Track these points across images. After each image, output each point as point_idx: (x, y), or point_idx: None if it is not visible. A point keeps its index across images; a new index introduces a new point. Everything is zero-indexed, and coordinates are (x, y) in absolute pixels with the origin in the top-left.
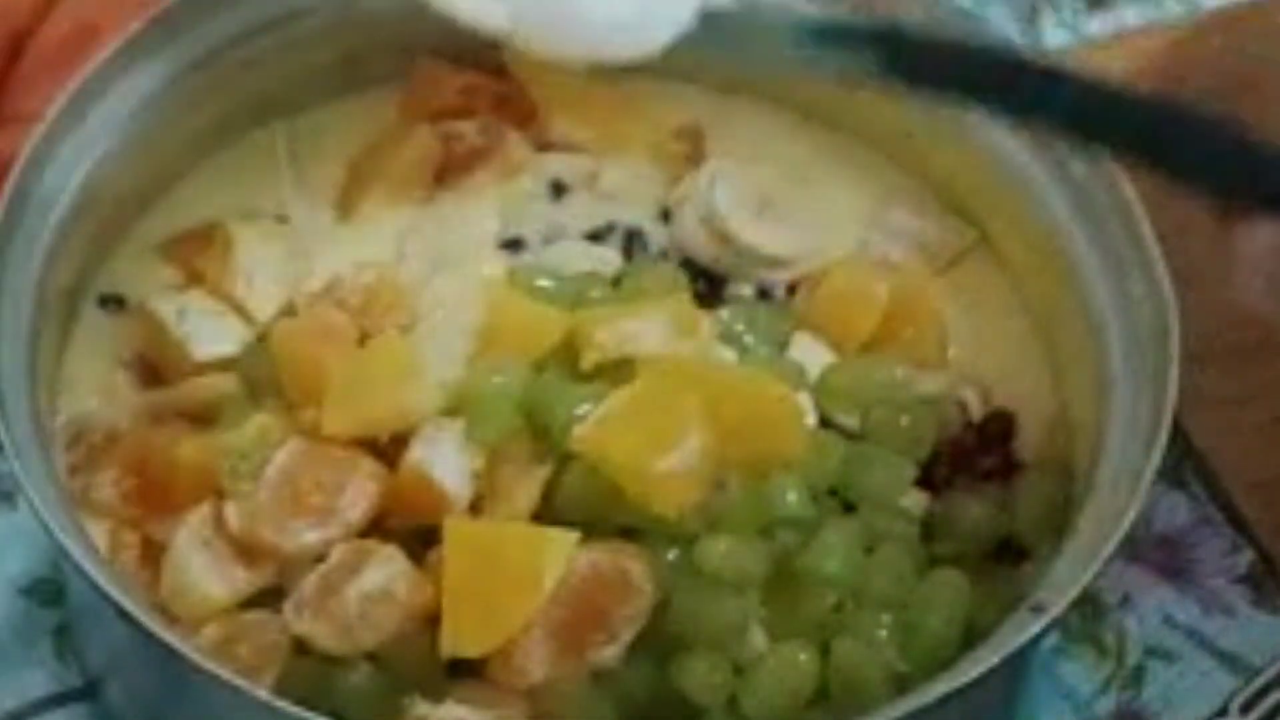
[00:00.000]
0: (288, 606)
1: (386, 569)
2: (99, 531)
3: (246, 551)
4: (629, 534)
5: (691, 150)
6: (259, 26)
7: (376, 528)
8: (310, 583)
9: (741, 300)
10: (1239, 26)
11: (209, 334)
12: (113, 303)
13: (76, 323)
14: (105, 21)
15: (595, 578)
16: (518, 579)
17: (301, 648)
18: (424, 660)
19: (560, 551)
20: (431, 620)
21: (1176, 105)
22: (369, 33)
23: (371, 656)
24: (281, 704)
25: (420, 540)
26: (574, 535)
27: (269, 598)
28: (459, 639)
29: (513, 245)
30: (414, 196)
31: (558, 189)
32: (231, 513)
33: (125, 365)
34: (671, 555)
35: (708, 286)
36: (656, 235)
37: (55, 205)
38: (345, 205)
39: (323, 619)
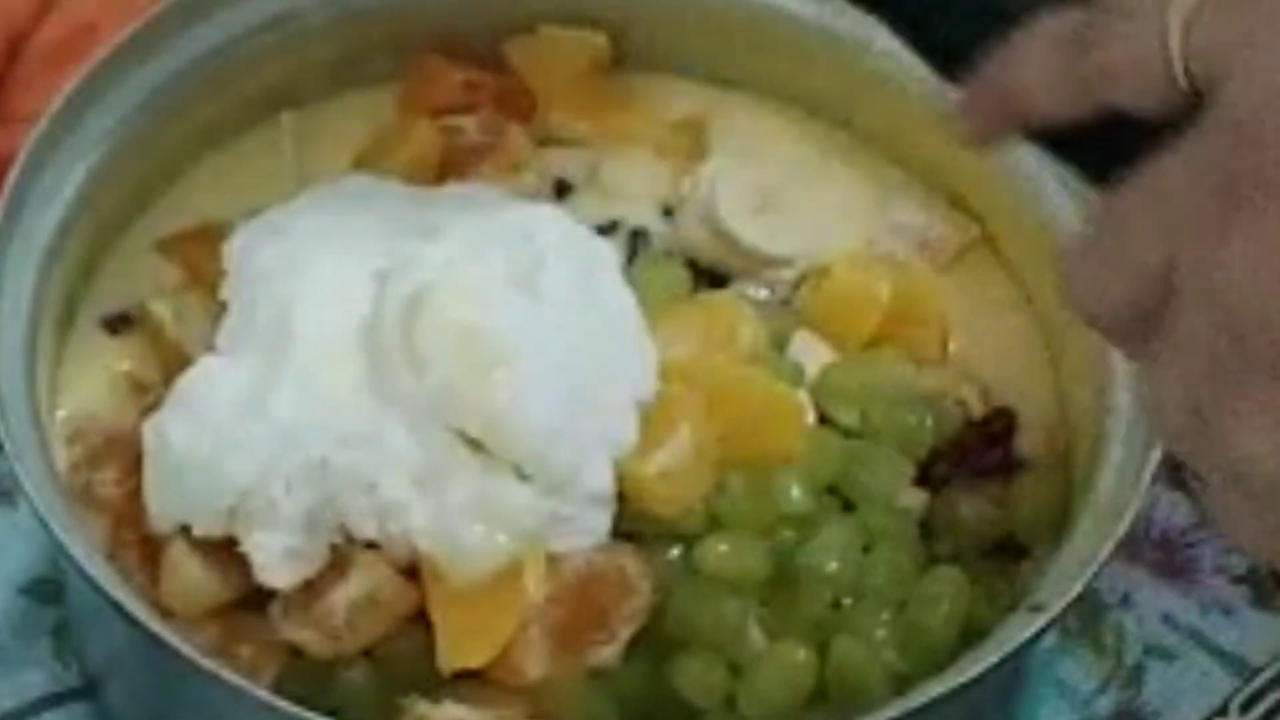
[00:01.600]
0: (273, 612)
1: (370, 575)
2: (100, 528)
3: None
4: (630, 532)
5: (694, 145)
6: (257, 25)
7: None
8: (294, 591)
9: (744, 299)
10: None
11: (207, 335)
12: (119, 321)
13: (76, 321)
14: (104, 21)
15: (593, 577)
16: (499, 587)
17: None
18: (421, 659)
19: (536, 555)
20: (424, 619)
21: None
22: (368, 30)
23: (369, 654)
24: (280, 703)
25: None
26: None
27: (268, 597)
28: (455, 653)
29: None
30: None
31: (561, 189)
32: None
33: (125, 364)
34: (672, 555)
35: (711, 286)
36: (661, 233)
37: (54, 205)
38: None
39: (310, 626)
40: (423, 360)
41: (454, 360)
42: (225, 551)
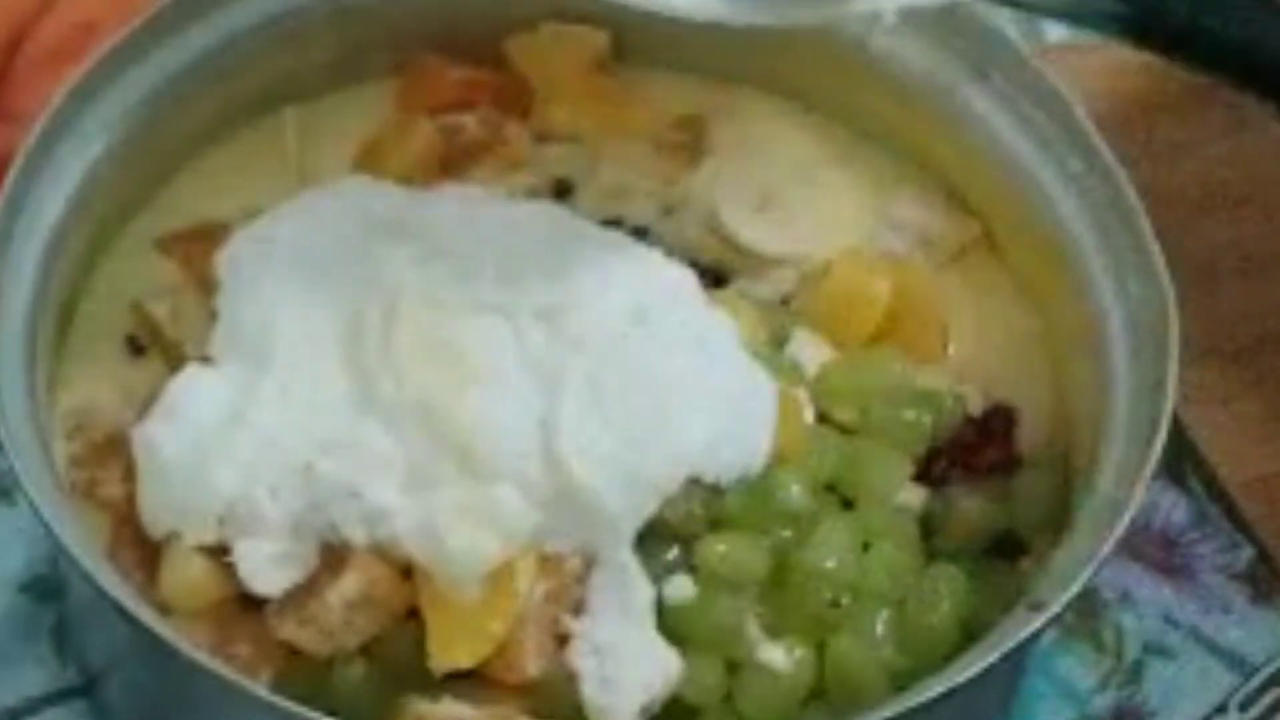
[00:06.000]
0: (269, 611)
1: (365, 573)
2: (100, 527)
3: None
4: None
5: (694, 142)
6: (257, 22)
7: None
8: (288, 591)
9: (744, 298)
10: None
11: (205, 336)
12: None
13: (75, 318)
14: (103, 19)
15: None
16: (491, 589)
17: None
18: (418, 656)
19: (527, 557)
20: (420, 616)
21: None
22: (368, 27)
23: (367, 652)
24: (280, 701)
25: None
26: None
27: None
28: (446, 654)
29: None
30: None
31: (561, 187)
32: None
33: (125, 361)
34: (671, 553)
35: (711, 285)
36: (661, 233)
37: (54, 202)
38: None
39: (307, 625)
40: (401, 371)
41: (429, 373)
42: (224, 549)
